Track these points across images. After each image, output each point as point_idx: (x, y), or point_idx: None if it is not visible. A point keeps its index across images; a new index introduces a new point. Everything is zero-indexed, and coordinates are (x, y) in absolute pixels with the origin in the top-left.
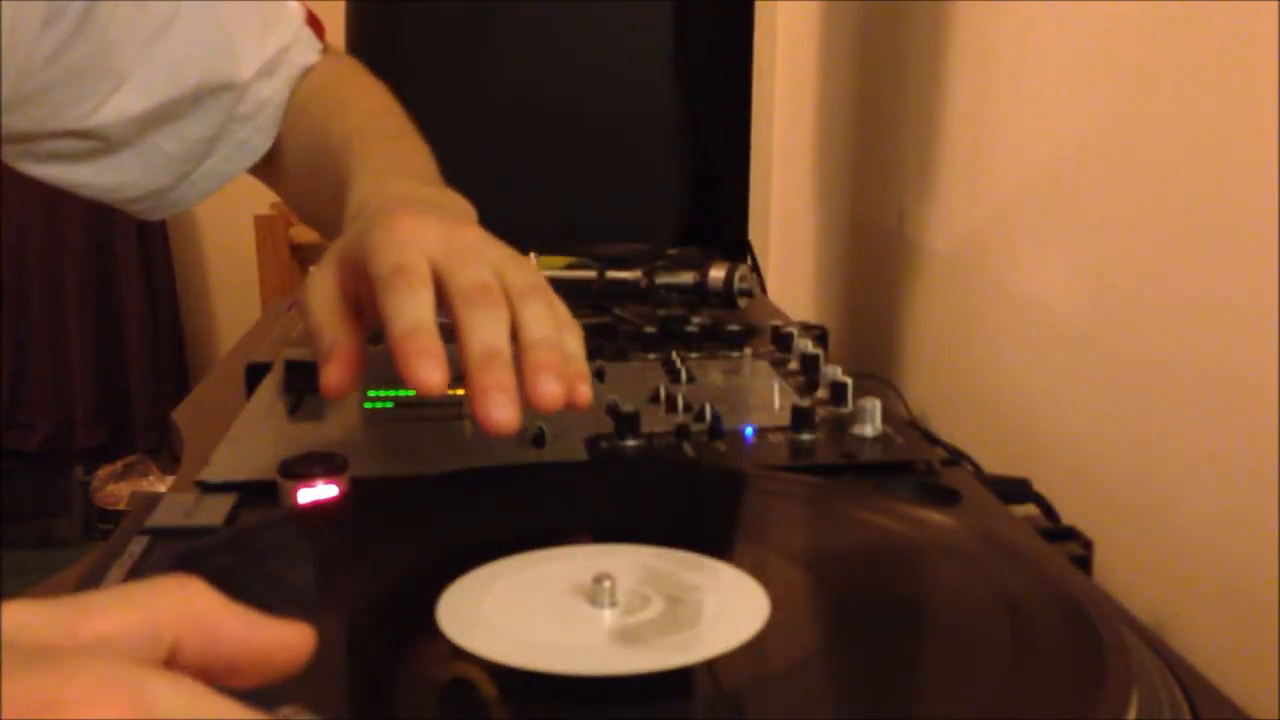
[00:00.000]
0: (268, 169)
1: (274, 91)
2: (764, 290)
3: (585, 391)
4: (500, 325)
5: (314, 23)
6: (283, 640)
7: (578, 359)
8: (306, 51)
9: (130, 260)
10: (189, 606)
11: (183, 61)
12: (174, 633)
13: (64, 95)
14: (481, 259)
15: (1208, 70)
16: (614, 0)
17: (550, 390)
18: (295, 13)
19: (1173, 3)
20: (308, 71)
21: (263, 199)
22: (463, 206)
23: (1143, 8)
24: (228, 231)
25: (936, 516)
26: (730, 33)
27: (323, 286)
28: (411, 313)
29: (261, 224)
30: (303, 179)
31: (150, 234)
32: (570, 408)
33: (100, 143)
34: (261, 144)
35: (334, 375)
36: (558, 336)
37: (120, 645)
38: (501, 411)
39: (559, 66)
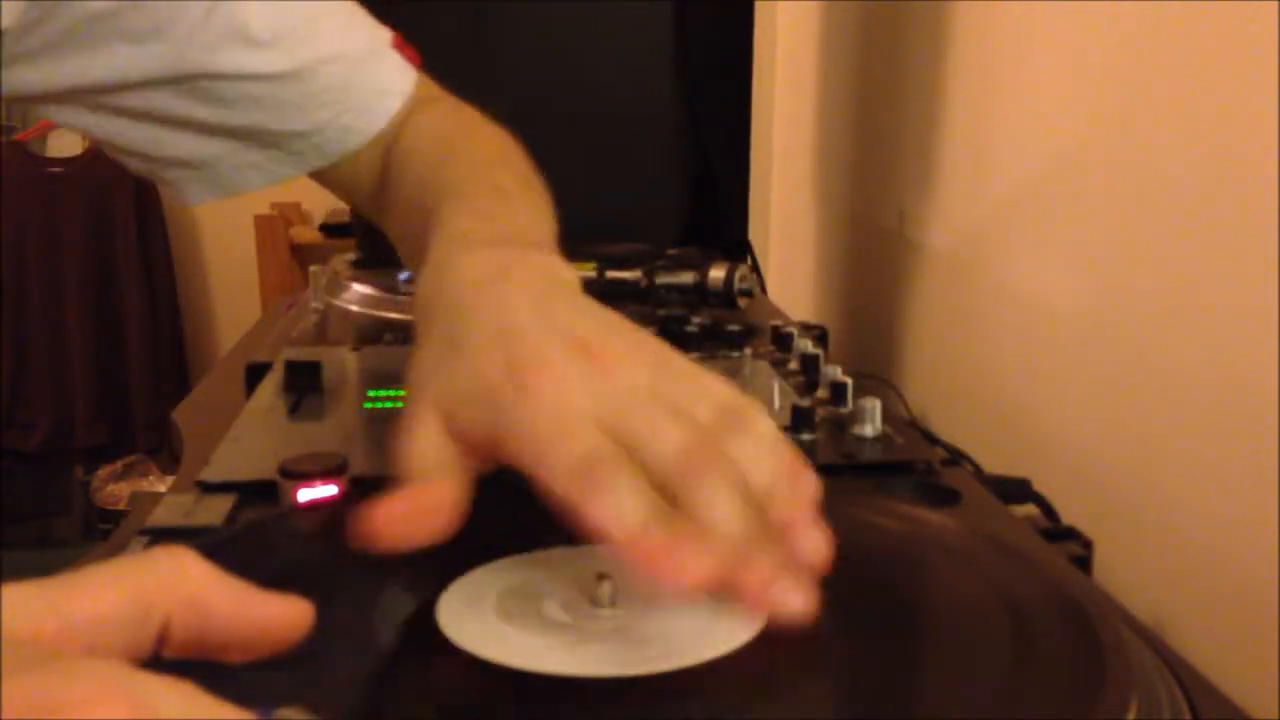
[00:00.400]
0: (376, 210)
1: (336, 116)
2: (764, 290)
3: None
4: (734, 497)
5: (403, 48)
6: (275, 617)
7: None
8: (394, 77)
9: (130, 260)
10: (179, 583)
11: (184, 44)
12: (164, 610)
13: (64, 56)
14: (645, 399)
15: (1208, 70)
16: (614, 0)
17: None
18: (368, 33)
19: (1173, 3)
20: (410, 105)
21: (263, 199)
22: (558, 275)
23: (1143, 8)
24: (228, 231)
25: (936, 516)
26: (730, 33)
27: (432, 446)
28: (630, 510)
29: (261, 224)
30: (402, 226)
31: (150, 234)
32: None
33: (110, 98)
34: (315, 161)
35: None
36: (779, 468)
37: (110, 625)
38: (793, 594)
39: (559, 67)
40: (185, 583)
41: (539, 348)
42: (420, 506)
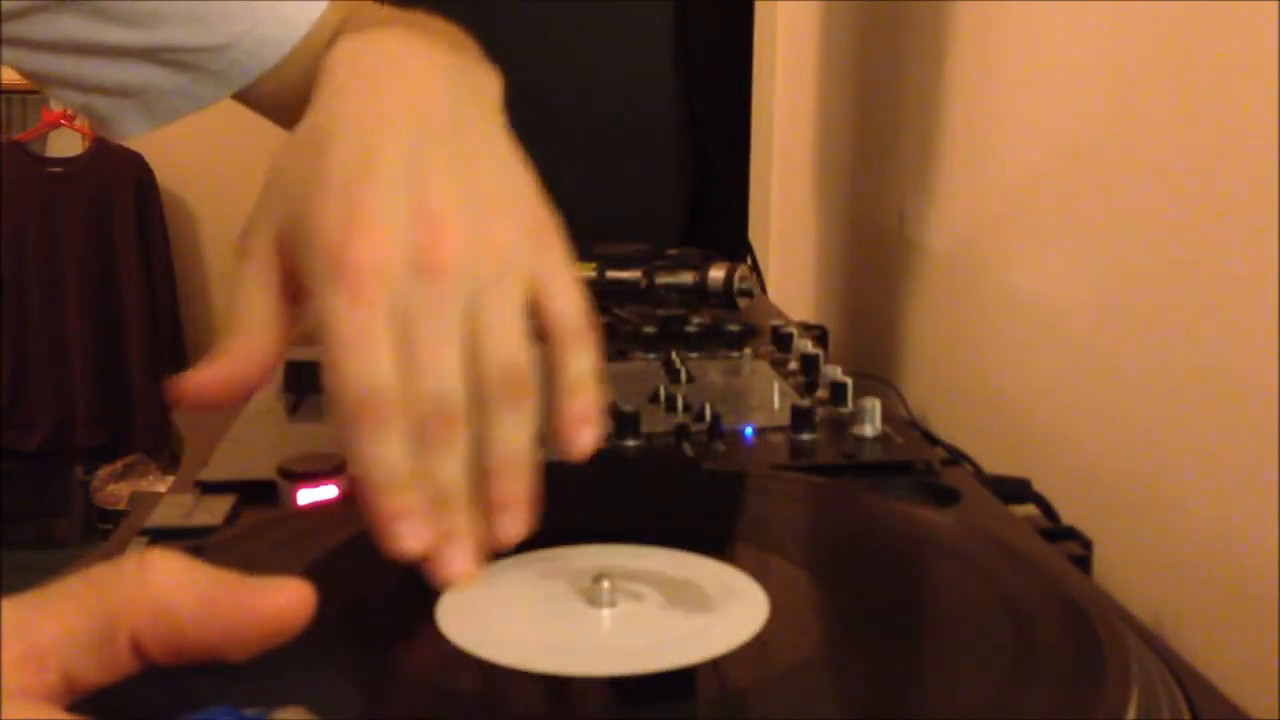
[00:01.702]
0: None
1: (250, 27)
2: (764, 290)
3: (585, 439)
4: (458, 468)
5: None
6: (261, 610)
7: (582, 388)
8: None
9: (130, 260)
10: (143, 594)
11: None
12: (129, 624)
13: None
14: (448, 318)
15: (1208, 70)
16: (614, 0)
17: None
18: None
19: (1173, 3)
20: (344, 20)
21: None
22: (474, 80)
23: (1143, 8)
24: (228, 231)
25: (936, 516)
26: (730, 33)
27: (259, 297)
28: (388, 465)
29: None
30: None
31: (150, 234)
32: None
33: (17, 28)
34: (237, 78)
35: (217, 373)
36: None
37: (76, 646)
38: (457, 560)
39: (559, 67)
40: (149, 592)
41: (381, 215)
42: (237, 371)
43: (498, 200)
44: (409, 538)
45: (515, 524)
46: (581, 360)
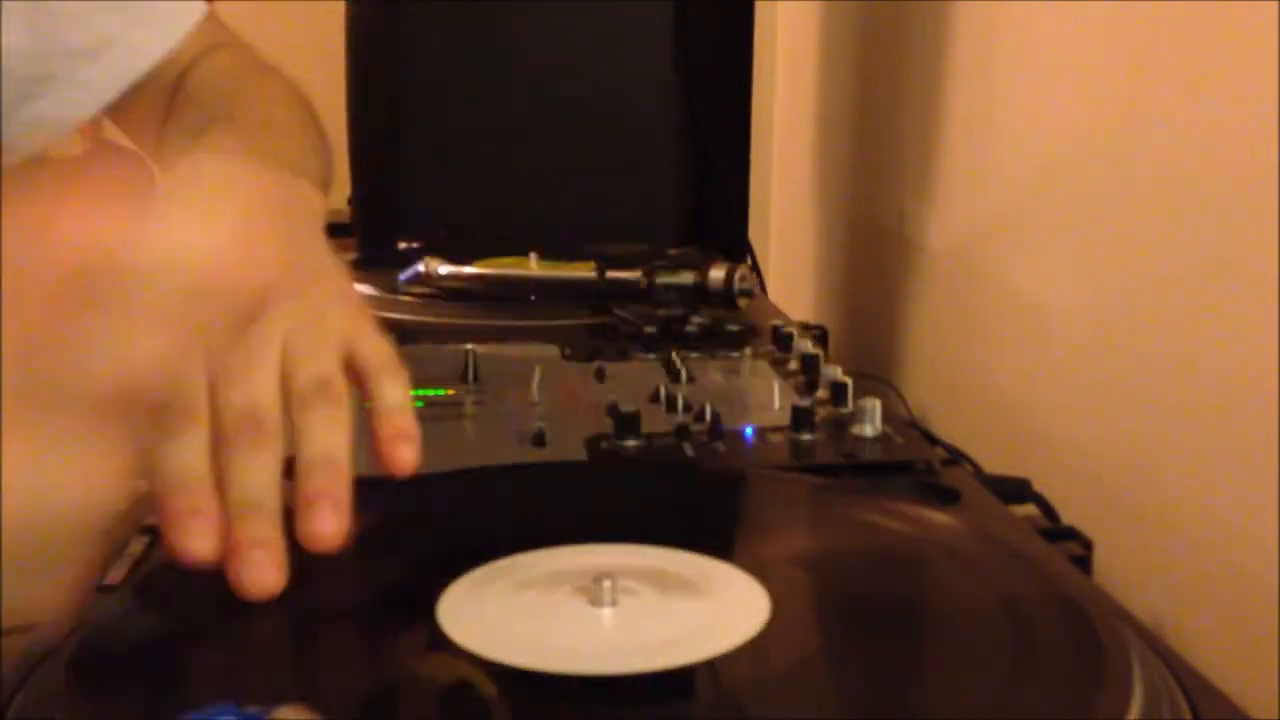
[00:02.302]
0: (155, 148)
1: (125, 28)
2: (764, 290)
3: (406, 454)
4: (270, 473)
5: None
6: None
7: (401, 411)
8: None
9: None
10: None
11: None
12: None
13: None
14: (264, 341)
15: (1208, 70)
16: (614, 0)
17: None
18: None
19: (1173, 3)
20: (201, 47)
21: None
22: (299, 196)
23: (1143, 8)
24: None
25: (936, 516)
26: (730, 33)
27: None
28: (180, 465)
29: None
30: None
31: None
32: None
33: None
34: (106, 89)
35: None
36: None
37: None
38: (261, 567)
39: (559, 68)
40: None
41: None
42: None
43: (302, 265)
44: (199, 536)
45: (330, 519)
46: (393, 389)
